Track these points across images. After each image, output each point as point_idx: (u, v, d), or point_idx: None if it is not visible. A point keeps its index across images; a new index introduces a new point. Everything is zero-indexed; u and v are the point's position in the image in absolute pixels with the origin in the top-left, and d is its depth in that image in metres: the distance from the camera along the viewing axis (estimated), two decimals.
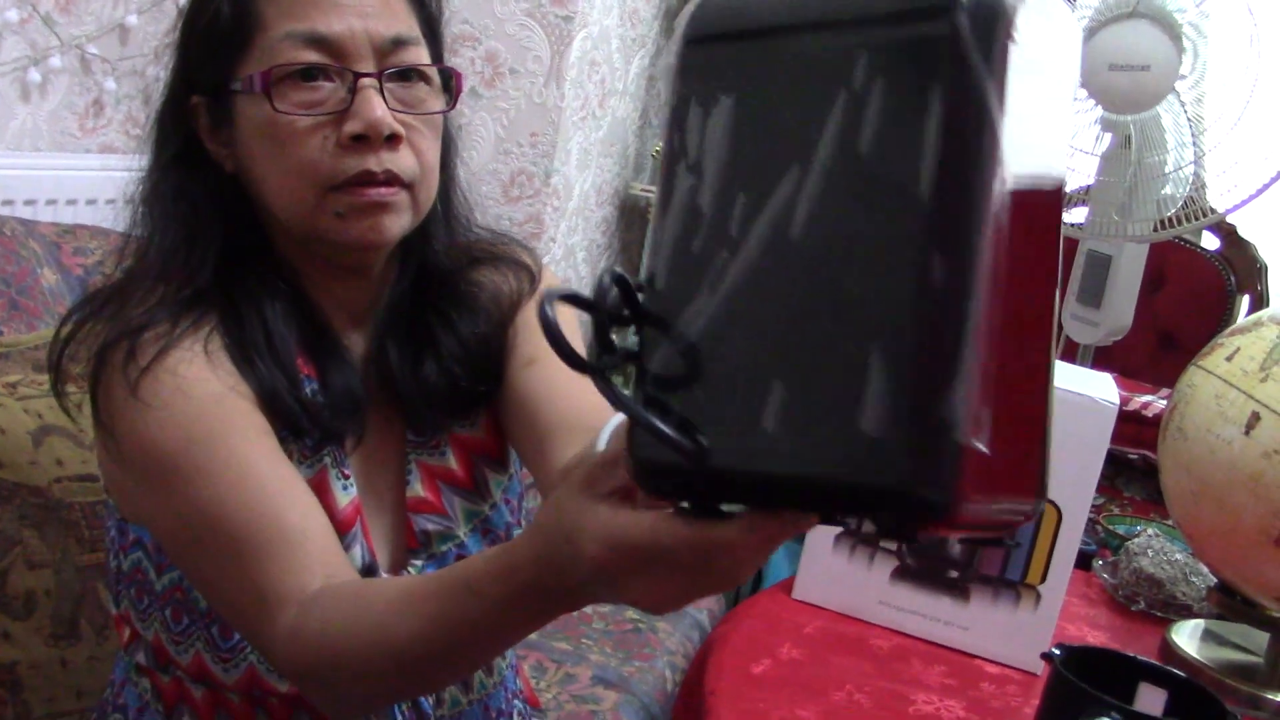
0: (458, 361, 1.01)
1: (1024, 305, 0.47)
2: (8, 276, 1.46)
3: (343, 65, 0.90)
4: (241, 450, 0.87)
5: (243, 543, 0.84)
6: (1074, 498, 1.16)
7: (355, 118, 0.89)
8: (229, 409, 0.88)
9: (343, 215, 0.91)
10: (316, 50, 0.89)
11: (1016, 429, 0.47)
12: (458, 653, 0.74)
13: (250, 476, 0.86)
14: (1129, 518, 1.76)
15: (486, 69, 2.64)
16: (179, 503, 0.87)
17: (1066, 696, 0.84)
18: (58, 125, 1.94)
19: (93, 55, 1.94)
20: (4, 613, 1.19)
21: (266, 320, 0.93)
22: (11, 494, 1.22)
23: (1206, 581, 1.39)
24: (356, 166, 0.90)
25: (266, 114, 0.90)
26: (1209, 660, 1.22)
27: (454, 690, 1.03)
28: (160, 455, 0.87)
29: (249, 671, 0.94)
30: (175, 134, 0.96)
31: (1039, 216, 0.48)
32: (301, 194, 0.91)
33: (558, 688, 1.60)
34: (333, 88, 0.90)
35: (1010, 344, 0.46)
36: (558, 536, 0.62)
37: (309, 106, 0.90)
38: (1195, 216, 1.76)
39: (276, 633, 0.81)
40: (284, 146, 0.90)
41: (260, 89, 0.89)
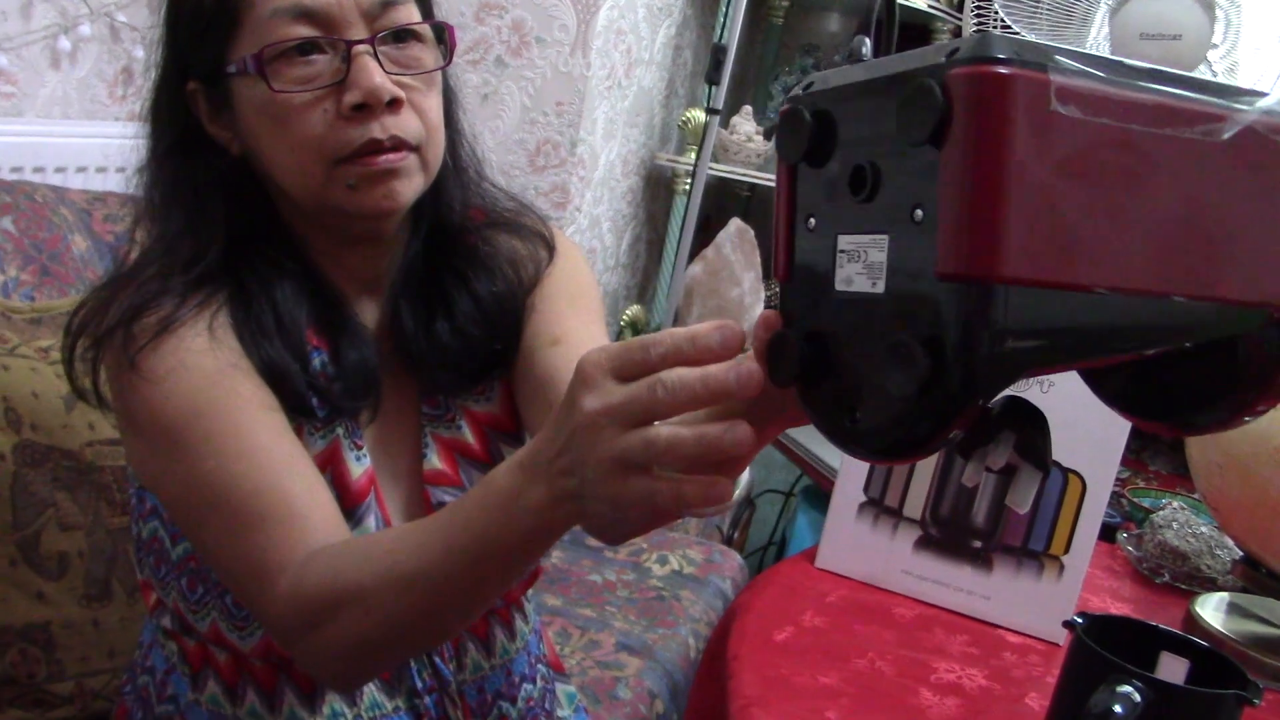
0: (472, 321, 1.01)
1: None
2: (39, 243, 1.47)
3: (334, 35, 0.89)
4: (246, 423, 0.87)
5: (244, 514, 0.84)
6: (1098, 468, 1.16)
7: (354, 87, 0.89)
8: (233, 382, 0.89)
9: (354, 186, 0.91)
10: (306, 23, 0.88)
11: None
12: (467, 574, 0.72)
13: (254, 449, 0.86)
14: (1154, 490, 1.75)
15: (513, 38, 2.64)
16: (183, 472, 0.87)
17: (1088, 664, 0.85)
18: (87, 93, 1.95)
19: (122, 23, 1.95)
20: (38, 573, 1.21)
21: (275, 301, 0.93)
22: (44, 457, 1.23)
23: (1232, 554, 1.39)
24: (362, 136, 0.89)
25: (264, 94, 0.89)
26: (1233, 633, 1.22)
27: (475, 655, 1.04)
28: (166, 426, 0.88)
29: (265, 639, 0.96)
30: (173, 123, 0.95)
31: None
32: (310, 169, 0.91)
33: (582, 654, 1.62)
34: (327, 59, 0.89)
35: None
36: (569, 394, 0.62)
37: (305, 81, 0.89)
38: None
39: (276, 597, 0.81)
40: (286, 124, 0.90)
41: (254, 70, 0.89)
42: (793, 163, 0.57)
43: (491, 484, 0.69)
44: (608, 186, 2.94)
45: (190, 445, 0.87)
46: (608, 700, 1.51)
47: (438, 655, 1.01)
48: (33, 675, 1.20)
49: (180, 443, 0.87)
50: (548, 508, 0.65)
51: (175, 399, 0.87)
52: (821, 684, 1.02)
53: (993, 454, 0.58)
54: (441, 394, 1.03)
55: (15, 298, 1.40)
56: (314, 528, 0.84)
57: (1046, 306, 0.47)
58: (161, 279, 0.92)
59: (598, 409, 0.59)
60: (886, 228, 0.51)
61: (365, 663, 0.82)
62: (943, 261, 0.47)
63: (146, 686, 1.04)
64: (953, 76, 0.46)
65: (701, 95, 3.24)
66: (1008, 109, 0.45)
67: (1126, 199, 0.48)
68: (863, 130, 0.53)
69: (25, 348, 1.28)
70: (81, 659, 1.24)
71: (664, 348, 0.59)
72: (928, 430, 0.50)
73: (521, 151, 2.68)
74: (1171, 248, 0.49)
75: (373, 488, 0.96)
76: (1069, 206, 0.46)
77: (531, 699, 1.09)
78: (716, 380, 0.57)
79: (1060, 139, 0.46)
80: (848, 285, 0.54)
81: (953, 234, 0.47)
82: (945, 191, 0.47)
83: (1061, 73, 0.46)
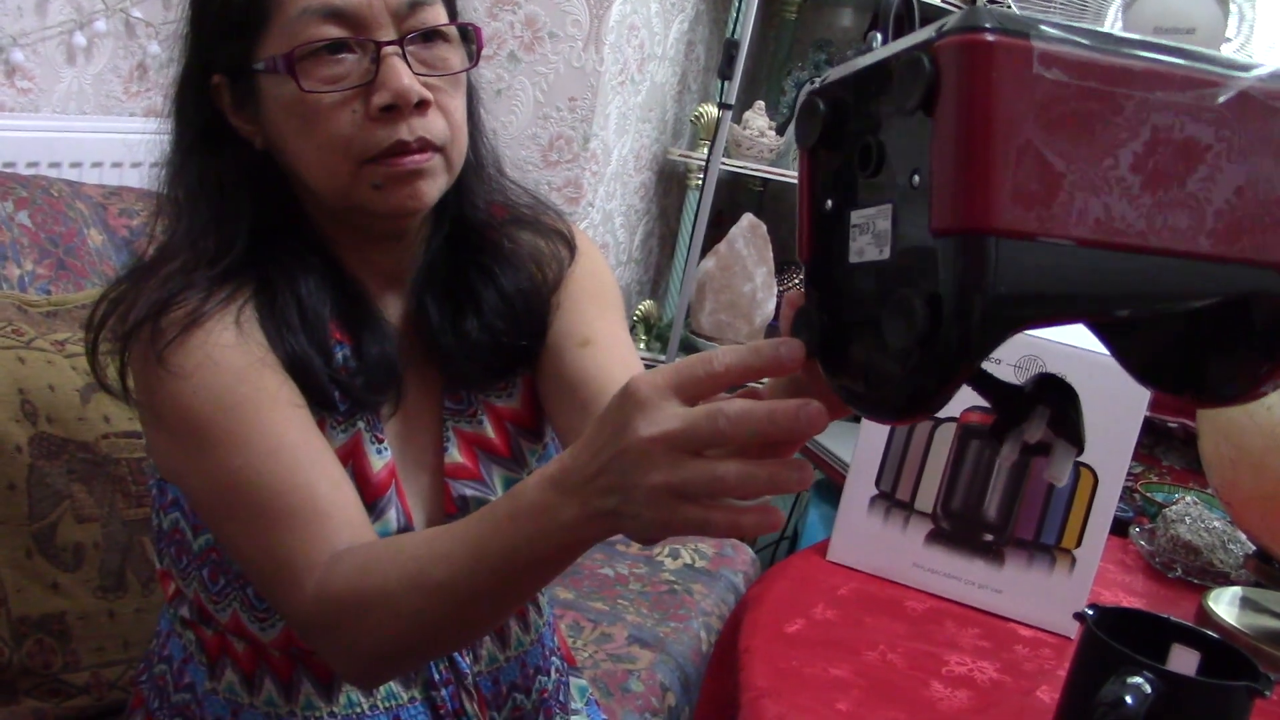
0: (500, 316, 1.02)
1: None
2: (55, 237, 1.48)
3: (363, 36, 0.89)
4: (273, 419, 0.88)
5: (272, 511, 0.85)
6: (1110, 461, 1.16)
7: (383, 88, 0.89)
8: (261, 378, 0.89)
9: (380, 186, 0.91)
10: (336, 24, 0.89)
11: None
12: (495, 585, 0.73)
13: (282, 447, 0.87)
14: (1167, 485, 1.75)
15: (526, 33, 2.64)
16: (211, 467, 0.88)
17: (1099, 656, 0.85)
18: (103, 88, 1.96)
19: (137, 19, 1.96)
20: (54, 564, 1.22)
21: (299, 295, 0.94)
22: (60, 449, 1.24)
23: (1244, 549, 1.39)
24: (389, 137, 0.89)
25: (293, 93, 0.89)
26: (1246, 627, 1.22)
27: (491, 647, 1.05)
28: (194, 422, 0.88)
29: (285, 631, 0.96)
30: (197, 115, 0.96)
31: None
32: (337, 169, 0.91)
33: (594, 646, 1.62)
34: (356, 59, 0.90)
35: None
36: (615, 414, 0.62)
37: (334, 81, 0.89)
38: None
39: (304, 597, 0.82)
40: (314, 123, 0.90)
41: (284, 69, 0.89)
42: (810, 148, 0.60)
43: (522, 497, 0.69)
44: (620, 181, 2.94)
45: (218, 441, 0.87)
46: (619, 693, 1.51)
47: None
48: (49, 665, 1.21)
49: (208, 438, 0.87)
50: (582, 524, 0.65)
51: (203, 394, 0.88)
52: (833, 676, 1.03)
53: (1028, 429, 0.59)
54: (465, 389, 1.03)
55: (31, 291, 1.41)
56: (340, 526, 0.84)
57: (1038, 259, 0.49)
58: (186, 273, 0.92)
59: (654, 435, 0.59)
60: (891, 197, 0.54)
61: (389, 664, 0.83)
62: (936, 218, 0.50)
63: (163, 675, 1.05)
64: (940, 47, 0.49)
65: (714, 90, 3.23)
66: (990, 71, 0.48)
67: (1114, 157, 0.49)
68: (869, 111, 0.56)
69: (41, 340, 1.28)
70: (97, 649, 1.24)
71: (726, 360, 0.60)
72: (934, 383, 0.52)
73: (534, 146, 2.68)
74: (1162, 204, 0.50)
75: (394, 481, 0.97)
76: (1055, 162, 0.48)
77: (545, 690, 1.10)
78: (784, 414, 0.58)
79: (1044, 99, 0.48)
80: (860, 256, 0.57)
81: (944, 191, 0.49)
82: (936, 152, 0.50)
83: (1044, 39, 0.48)
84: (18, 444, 1.21)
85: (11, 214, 1.44)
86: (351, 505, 0.87)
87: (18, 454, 1.20)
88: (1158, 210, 0.50)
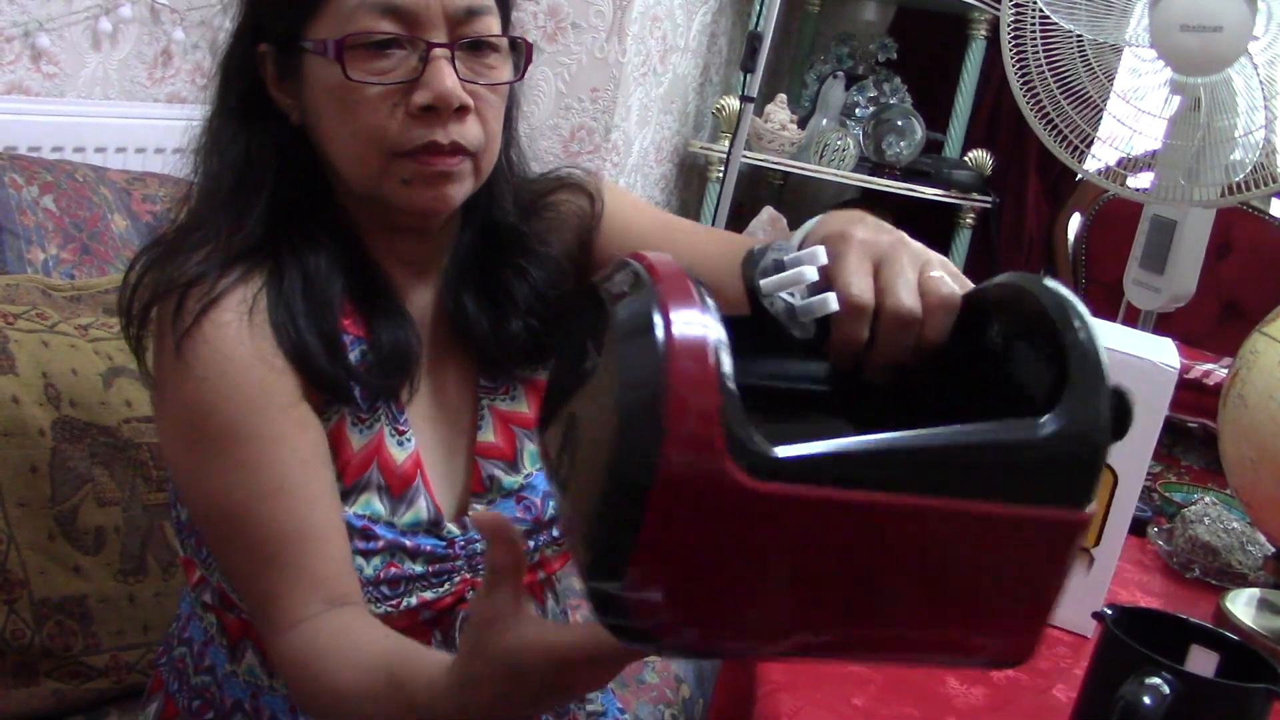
0: (535, 315, 1.02)
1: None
2: (80, 222, 1.49)
3: (415, 35, 0.90)
4: (280, 455, 0.89)
5: (264, 551, 0.88)
6: (1130, 461, 1.15)
7: (425, 88, 0.89)
8: (269, 397, 0.90)
9: (408, 182, 0.92)
10: (391, 19, 0.89)
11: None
12: None
13: (284, 488, 0.89)
14: (1186, 485, 1.74)
15: (549, 23, 2.64)
16: (214, 486, 0.90)
17: (1117, 655, 0.84)
18: (127, 74, 1.96)
19: (162, 5, 1.96)
20: (75, 547, 1.23)
21: (308, 274, 0.94)
22: (83, 433, 1.25)
23: (1263, 550, 1.38)
24: (424, 137, 0.90)
25: (337, 78, 0.90)
26: (1264, 629, 1.21)
27: None
28: (206, 435, 0.89)
29: None
30: (240, 80, 0.96)
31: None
32: (368, 158, 0.91)
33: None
34: (404, 55, 0.90)
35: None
36: (490, 659, 0.68)
37: (380, 74, 0.90)
38: (1264, 182, 1.72)
39: (278, 645, 0.88)
40: (353, 111, 0.90)
41: (334, 55, 0.89)
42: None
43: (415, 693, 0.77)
44: (641, 173, 2.94)
45: (226, 465, 0.89)
46: (634, 684, 1.52)
47: (459, 637, 1.01)
48: (69, 647, 1.22)
49: (216, 455, 0.89)
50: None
51: (218, 411, 0.89)
52: (849, 671, 1.03)
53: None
54: (503, 376, 1.04)
55: (55, 275, 1.42)
56: (321, 576, 0.88)
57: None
58: (203, 247, 0.93)
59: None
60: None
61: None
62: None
63: (183, 658, 1.06)
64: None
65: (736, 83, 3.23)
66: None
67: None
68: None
69: (65, 325, 1.29)
70: (117, 632, 1.25)
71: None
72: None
73: (556, 137, 2.68)
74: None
75: (419, 471, 0.97)
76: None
77: None
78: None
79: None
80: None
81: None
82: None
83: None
84: (41, 427, 1.21)
85: (36, 198, 1.45)
86: (334, 559, 0.90)
87: (41, 437, 1.21)
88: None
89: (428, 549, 0.96)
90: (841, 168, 3.02)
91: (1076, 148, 1.88)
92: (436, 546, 0.97)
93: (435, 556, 0.97)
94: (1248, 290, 2.79)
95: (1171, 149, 1.78)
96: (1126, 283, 1.97)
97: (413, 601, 0.96)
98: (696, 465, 0.48)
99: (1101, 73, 1.85)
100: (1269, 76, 1.70)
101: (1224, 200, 1.78)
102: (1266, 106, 1.70)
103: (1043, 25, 1.85)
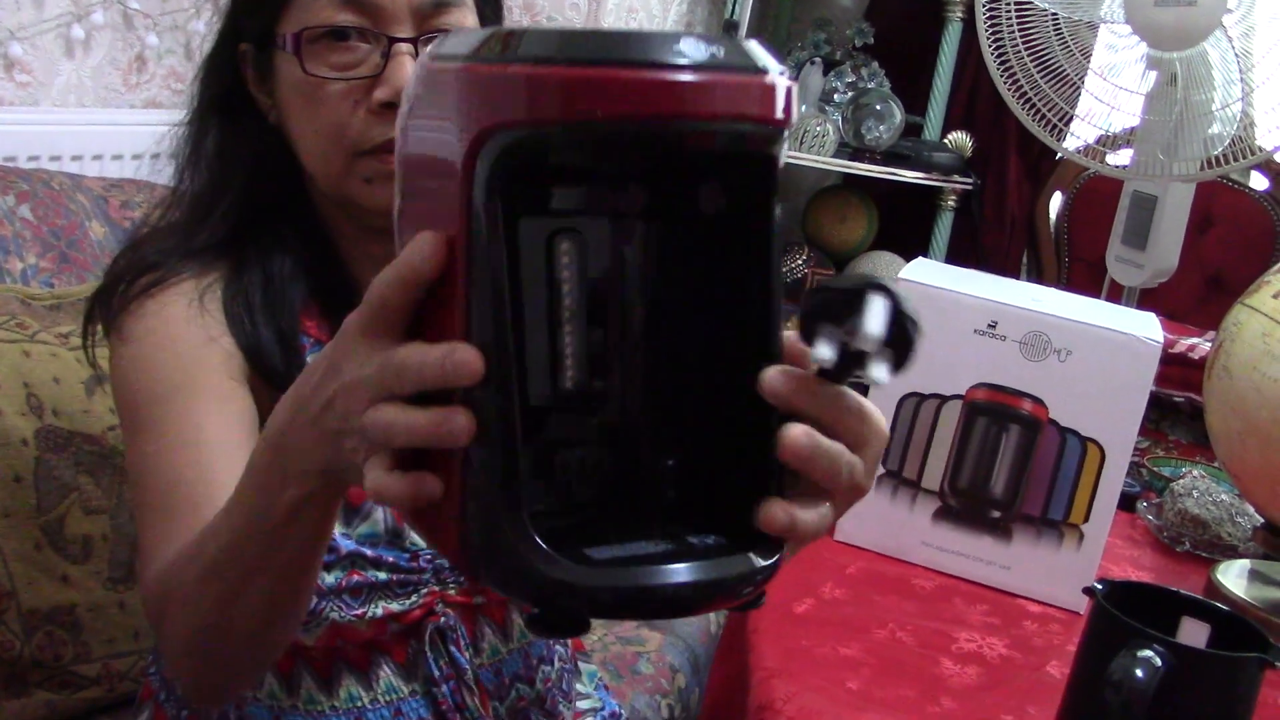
0: None
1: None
2: (57, 230, 1.48)
3: (378, 28, 0.88)
4: (197, 411, 0.86)
5: (168, 502, 0.83)
6: (1117, 436, 1.16)
7: (386, 84, 0.88)
8: (201, 363, 0.88)
9: (370, 181, 0.90)
10: (352, 11, 0.88)
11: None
12: (253, 551, 0.68)
13: (199, 440, 0.84)
14: (1174, 459, 1.75)
15: (524, 18, 2.63)
16: (133, 451, 0.88)
17: (1108, 629, 0.85)
18: (102, 81, 1.95)
19: (134, 10, 1.95)
20: (63, 557, 1.22)
21: (270, 275, 0.92)
22: (67, 441, 1.24)
23: (1253, 522, 1.39)
24: (384, 134, 0.88)
25: (299, 74, 0.89)
26: (1255, 600, 1.22)
27: (493, 640, 1.03)
28: (127, 399, 0.88)
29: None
30: (221, 79, 0.96)
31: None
32: (331, 156, 0.90)
33: (602, 629, 1.62)
34: (368, 50, 0.89)
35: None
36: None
37: (342, 69, 0.88)
38: (1243, 155, 1.73)
39: (144, 582, 0.80)
40: (315, 107, 0.89)
41: (291, 49, 0.88)
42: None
43: (252, 460, 0.67)
44: None
45: (142, 426, 0.87)
46: (629, 675, 1.52)
47: (453, 643, 0.99)
48: (59, 657, 1.21)
49: (136, 422, 0.87)
50: (313, 471, 0.62)
51: (140, 372, 0.87)
52: (842, 655, 1.03)
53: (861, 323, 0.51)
54: None
55: (34, 284, 1.41)
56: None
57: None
58: (166, 242, 0.92)
59: (355, 379, 0.55)
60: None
61: (202, 666, 0.78)
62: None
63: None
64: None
65: None
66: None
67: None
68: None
69: (45, 334, 1.29)
70: (107, 641, 1.25)
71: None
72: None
73: None
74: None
75: None
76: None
77: (549, 680, 1.09)
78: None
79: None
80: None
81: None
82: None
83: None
84: (24, 437, 1.21)
85: (13, 208, 1.44)
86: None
87: (24, 447, 1.21)
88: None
89: (390, 560, 0.95)
90: (822, 153, 3.01)
91: (1055, 126, 1.88)
92: (399, 558, 0.95)
93: (399, 568, 0.95)
94: (1230, 263, 2.79)
95: (1150, 125, 1.78)
96: (1109, 260, 1.97)
97: (378, 612, 0.94)
98: None
99: (1078, 50, 1.85)
100: (1244, 49, 1.70)
101: (1203, 174, 1.78)
102: (1243, 79, 1.70)
103: (1018, 5, 1.85)
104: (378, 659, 0.98)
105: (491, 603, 1.02)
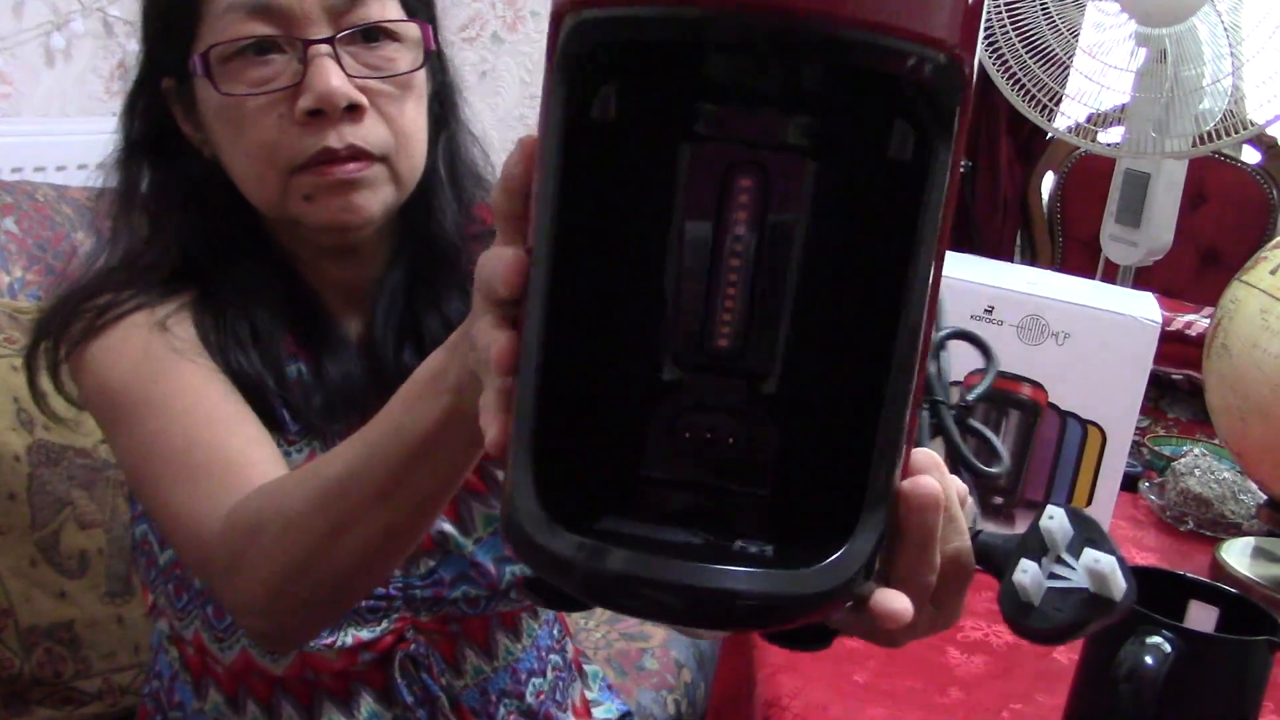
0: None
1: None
2: (43, 242, 1.47)
3: (292, 34, 0.82)
4: (191, 381, 0.83)
5: (185, 469, 0.79)
6: (1118, 418, 1.15)
7: (308, 92, 0.82)
8: (175, 355, 0.85)
9: (310, 198, 0.85)
10: (261, 20, 0.82)
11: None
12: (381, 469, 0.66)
13: (198, 405, 0.82)
14: (1174, 438, 1.74)
15: (508, 13, 2.62)
16: (130, 438, 0.84)
17: None
18: (84, 89, 1.94)
19: (114, 17, 1.94)
20: (59, 572, 1.21)
21: (253, 315, 0.88)
22: (59, 456, 1.23)
23: (1256, 499, 1.38)
24: (315, 145, 0.83)
25: (217, 96, 0.84)
26: (1260, 577, 1.21)
27: (475, 661, 1.00)
28: (113, 393, 0.85)
29: (243, 654, 0.93)
30: (143, 121, 0.91)
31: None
32: (266, 178, 0.85)
33: (606, 626, 1.62)
34: (285, 60, 0.83)
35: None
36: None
37: (260, 84, 0.83)
38: (1234, 130, 1.72)
39: (210, 541, 0.76)
40: (240, 130, 0.84)
41: (202, 71, 0.83)
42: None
43: (417, 371, 0.64)
44: None
45: (134, 407, 0.83)
46: (634, 671, 1.51)
47: (425, 671, 0.96)
48: (60, 674, 1.20)
49: (126, 407, 0.84)
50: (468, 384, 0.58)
51: (122, 366, 0.85)
52: (848, 647, 1.02)
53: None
54: None
55: (21, 298, 1.40)
56: (253, 478, 0.77)
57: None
58: (117, 278, 0.89)
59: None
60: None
61: (287, 594, 0.73)
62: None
63: (158, 691, 1.03)
64: None
65: None
66: None
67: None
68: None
69: None
70: (107, 655, 1.24)
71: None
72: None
73: (522, 128, 2.66)
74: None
75: None
76: None
77: (541, 693, 1.06)
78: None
79: None
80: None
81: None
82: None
83: None
84: (16, 453, 1.20)
85: None
86: (268, 460, 0.81)
87: (16, 463, 1.20)
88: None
89: None
90: None
91: (1045, 106, 1.87)
92: None
93: (368, 594, 0.90)
94: (1225, 238, 2.79)
95: (1140, 102, 1.77)
96: (1103, 238, 1.96)
97: (348, 640, 0.91)
98: None
99: (1066, 29, 1.84)
100: (1233, 23, 1.69)
101: (1195, 150, 1.77)
102: (1233, 53, 1.69)
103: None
104: (357, 688, 0.95)
105: (471, 625, 0.99)
